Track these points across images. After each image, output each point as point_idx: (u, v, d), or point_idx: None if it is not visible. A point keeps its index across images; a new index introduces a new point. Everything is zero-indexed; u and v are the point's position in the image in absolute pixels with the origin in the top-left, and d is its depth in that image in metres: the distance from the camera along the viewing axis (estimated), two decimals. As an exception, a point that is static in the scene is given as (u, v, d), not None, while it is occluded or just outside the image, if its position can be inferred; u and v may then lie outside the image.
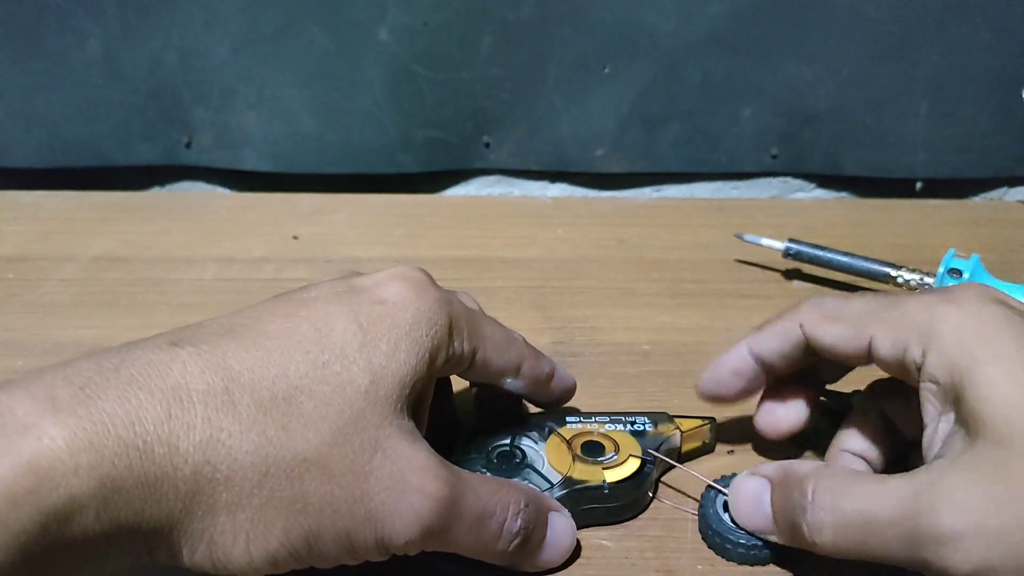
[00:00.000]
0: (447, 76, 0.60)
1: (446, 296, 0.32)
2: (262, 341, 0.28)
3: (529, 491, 0.32)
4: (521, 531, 0.31)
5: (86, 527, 0.23)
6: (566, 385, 0.38)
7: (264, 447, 0.26)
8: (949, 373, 0.29)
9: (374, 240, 0.55)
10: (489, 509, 0.30)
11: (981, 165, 0.62)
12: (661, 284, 0.51)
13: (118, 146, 0.61)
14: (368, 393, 0.28)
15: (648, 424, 0.37)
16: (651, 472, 0.35)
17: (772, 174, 0.64)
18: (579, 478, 0.34)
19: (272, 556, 0.27)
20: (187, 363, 0.26)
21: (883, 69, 0.60)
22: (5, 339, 0.46)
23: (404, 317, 0.30)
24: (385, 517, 0.28)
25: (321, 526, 0.27)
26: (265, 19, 0.58)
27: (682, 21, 0.59)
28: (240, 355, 0.27)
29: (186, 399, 0.25)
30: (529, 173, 0.64)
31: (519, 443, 0.36)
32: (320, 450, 0.27)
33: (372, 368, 0.28)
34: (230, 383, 0.26)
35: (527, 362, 0.35)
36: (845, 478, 0.30)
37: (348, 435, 0.27)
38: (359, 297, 0.30)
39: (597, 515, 0.34)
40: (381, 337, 0.29)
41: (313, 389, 0.27)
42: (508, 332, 0.35)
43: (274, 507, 0.26)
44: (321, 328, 0.29)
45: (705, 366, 0.36)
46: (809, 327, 0.33)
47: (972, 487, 0.27)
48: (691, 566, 0.33)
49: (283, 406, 0.27)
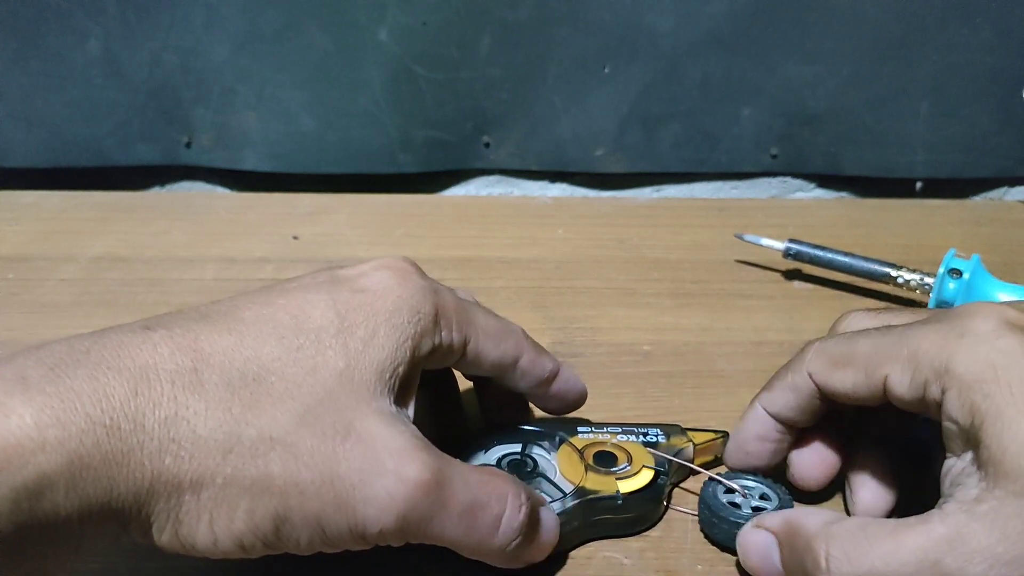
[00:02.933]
0: (447, 76, 0.60)
1: (432, 285, 0.31)
2: (236, 326, 0.27)
3: (524, 484, 0.31)
4: (524, 527, 0.29)
5: (56, 504, 0.23)
6: (573, 388, 0.36)
7: (228, 424, 0.26)
8: (969, 416, 0.28)
9: (374, 240, 0.55)
10: (481, 499, 0.29)
11: (981, 165, 0.62)
12: (661, 284, 0.51)
13: (118, 146, 0.61)
14: (342, 376, 0.27)
15: (661, 436, 0.36)
16: (665, 483, 0.35)
17: (772, 174, 0.64)
18: (592, 488, 0.33)
19: (238, 538, 0.26)
20: (158, 345, 0.26)
21: (883, 69, 0.60)
22: (5, 339, 0.46)
23: (384, 304, 0.29)
24: (357, 502, 0.26)
25: (288, 508, 0.26)
26: (265, 19, 0.58)
27: (682, 21, 0.59)
28: (212, 338, 0.27)
29: (153, 378, 0.25)
30: (529, 173, 0.64)
31: (530, 452, 0.35)
32: (286, 429, 0.26)
33: (348, 352, 0.28)
34: (199, 363, 0.26)
35: (526, 356, 0.34)
36: (858, 537, 0.28)
37: (318, 415, 0.27)
38: (340, 286, 0.30)
39: (610, 527, 0.34)
40: (359, 323, 0.29)
41: (285, 371, 0.27)
42: (505, 324, 0.34)
43: (238, 486, 0.26)
44: (298, 315, 0.28)
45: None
46: (819, 377, 0.32)
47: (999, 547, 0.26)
48: (691, 566, 0.33)
49: (252, 386, 0.26)
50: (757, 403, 0.34)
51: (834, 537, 0.28)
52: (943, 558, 0.26)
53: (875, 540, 0.28)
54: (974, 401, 0.27)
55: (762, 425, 0.34)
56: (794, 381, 0.33)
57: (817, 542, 0.28)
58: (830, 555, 0.28)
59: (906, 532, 0.27)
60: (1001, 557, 0.26)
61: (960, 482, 0.28)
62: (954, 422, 0.28)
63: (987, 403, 0.27)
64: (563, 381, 0.35)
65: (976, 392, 0.27)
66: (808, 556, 0.29)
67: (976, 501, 0.27)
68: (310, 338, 0.28)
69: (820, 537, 0.28)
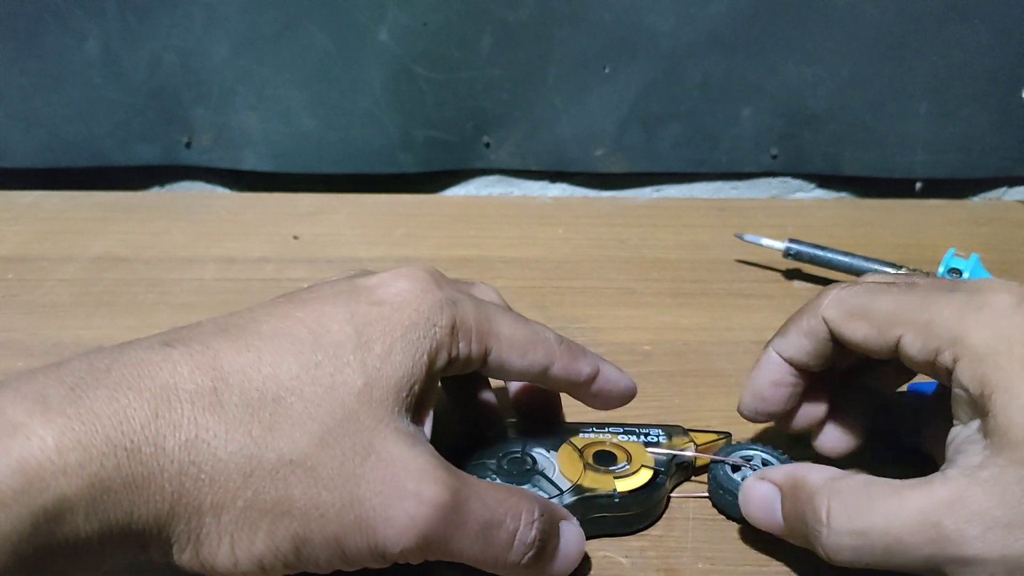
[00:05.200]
0: (447, 76, 0.60)
1: (452, 296, 0.31)
2: (255, 342, 0.27)
3: (541, 500, 0.31)
4: (536, 542, 0.29)
5: (77, 527, 0.23)
6: (616, 386, 0.35)
7: (248, 447, 0.26)
8: (980, 385, 0.28)
9: (374, 240, 0.55)
10: (498, 517, 0.29)
11: (981, 165, 0.62)
12: (661, 284, 0.51)
13: (118, 146, 0.61)
14: (361, 395, 0.27)
15: (662, 436, 0.36)
16: (664, 483, 0.35)
17: (772, 174, 0.64)
18: (589, 486, 0.34)
19: (258, 559, 0.26)
20: (177, 363, 0.26)
21: (883, 69, 0.60)
22: (5, 339, 0.46)
23: (400, 319, 0.29)
24: (378, 523, 0.27)
25: (308, 530, 0.26)
26: (265, 19, 0.58)
27: (682, 21, 0.59)
28: (231, 356, 0.27)
29: (174, 399, 0.25)
30: (529, 173, 0.64)
31: (529, 450, 0.35)
32: (307, 451, 0.26)
33: (366, 370, 0.28)
34: (219, 383, 0.26)
35: (558, 363, 0.33)
36: (860, 494, 0.28)
37: (338, 437, 0.27)
38: (358, 298, 0.30)
39: (608, 525, 0.34)
40: (376, 339, 0.28)
41: (303, 390, 0.27)
42: (534, 330, 0.33)
43: (258, 509, 0.26)
44: (315, 330, 0.28)
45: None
46: (834, 324, 0.32)
47: (997, 510, 0.26)
48: (691, 565, 0.33)
49: (271, 406, 0.26)
50: (771, 348, 0.34)
51: (837, 493, 0.29)
52: (943, 519, 0.27)
53: (877, 498, 0.28)
54: (985, 372, 0.28)
55: (776, 370, 0.34)
56: (809, 325, 0.33)
57: (819, 497, 0.29)
58: (832, 510, 0.29)
59: (908, 492, 0.28)
60: (999, 520, 0.26)
61: (964, 449, 0.29)
62: (964, 390, 0.29)
63: (998, 375, 0.28)
64: (605, 381, 0.34)
65: (988, 364, 0.28)
66: (809, 509, 0.29)
67: (979, 467, 0.28)
68: (328, 354, 0.28)
69: (823, 492, 0.29)
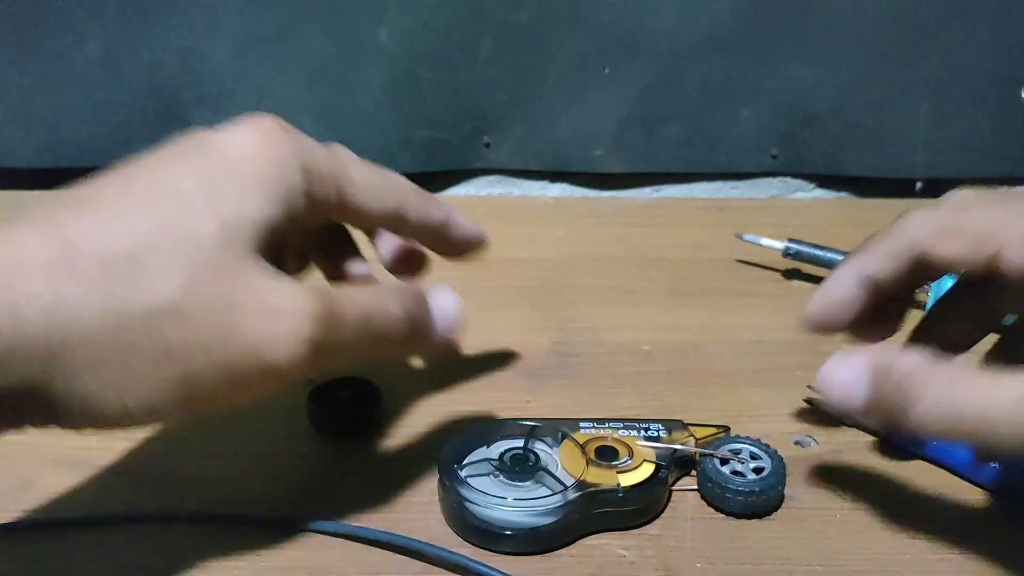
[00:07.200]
0: (447, 77, 0.60)
1: (301, 142, 0.31)
2: (99, 207, 0.28)
3: (399, 282, 0.32)
4: (411, 312, 0.31)
5: None
6: (467, 232, 0.36)
7: (113, 304, 0.26)
8: None
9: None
10: (370, 307, 0.30)
11: (981, 165, 0.62)
12: (661, 284, 0.51)
13: (118, 146, 0.61)
14: (219, 240, 0.28)
15: (662, 431, 0.37)
16: (666, 477, 0.35)
17: (772, 174, 0.64)
18: (593, 481, 0.34)
19: (148, 404, 0.27)
20: (22, 239, 0.26)
21: (883, 70, 0.60)
22: (5, 339, 0.46)
23: (251, 166, 0.29)
24: (263, 345, 0.28)
25: (194, 368, 0.27)
26: (265, 20, 0.58)
27: (681, 22, 0.59)
28: (77, 223, 0.27)
29: (24, 271, 0.25)
30: (529, 173, 0.64)
31: (532, 447, 0.36)
32: (173, 299, 0.27)
33: (220, 216, 0.28)
34: (68, 251, 0.26)
35: (411, 206, 0.34)
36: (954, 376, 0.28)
37: (202, 281, 0.27)
38: (203, 152, 0.30)
39: (612, 519, 0.34)
40: (225, 186, 0.29)
41: (159, 244, 0.27)
42: (386, 175, 0.33)
43: (137, 359, 0.26)
44: (162, 186, 0.28)
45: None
46: (926, 244, 0.32)
47: None
48: (691, 565, 0.33)
49: (128, 264, 0.26)
50: (848, 267, 0.34)
51: (932, 374, 0.29)
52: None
53: (972, 380, 0.28)
54: None
55: (851, 289, 0.34)
56: (895, 248, 0.33)
57: (914, 378, 0.29)
58: (927, 391, 0.28)
59: (1004, 378, 0.28)
60: None
61: None
62: None
63: None
64: (455, 225, 0.36)
65: None
66: (899, 392, 0.29)
67: None
68: (178, 207, 0.28)
69: (917, 373, 0.29)
